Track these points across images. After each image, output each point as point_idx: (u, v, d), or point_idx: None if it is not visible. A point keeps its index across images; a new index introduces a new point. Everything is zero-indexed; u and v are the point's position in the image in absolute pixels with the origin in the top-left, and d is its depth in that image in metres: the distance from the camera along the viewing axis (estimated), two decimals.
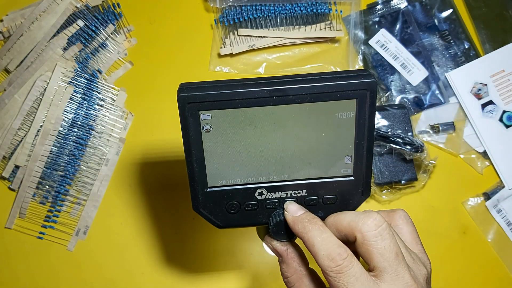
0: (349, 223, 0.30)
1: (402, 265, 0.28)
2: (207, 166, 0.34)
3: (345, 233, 0.30)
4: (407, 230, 0.32)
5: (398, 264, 0.28)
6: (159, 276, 0.54)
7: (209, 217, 0.35)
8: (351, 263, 0.28)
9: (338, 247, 0.29)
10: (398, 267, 0.28)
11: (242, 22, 0.58)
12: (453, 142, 0.58)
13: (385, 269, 0.28)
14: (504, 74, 0.58)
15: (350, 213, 0.31)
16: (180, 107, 0.32)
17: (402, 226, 0.33)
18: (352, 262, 0.28)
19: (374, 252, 0.28)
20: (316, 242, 0.30)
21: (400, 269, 0.28)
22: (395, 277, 0.28)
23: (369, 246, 0.28)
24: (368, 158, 0.34)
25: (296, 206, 0.34)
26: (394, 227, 0.33)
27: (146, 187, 0.56)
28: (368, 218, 0.29)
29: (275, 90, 0.31)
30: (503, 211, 0.56)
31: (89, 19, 0.57)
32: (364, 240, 0.29)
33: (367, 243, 0.29)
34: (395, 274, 0.28)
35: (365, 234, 0.29)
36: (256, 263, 0.55)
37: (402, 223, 0.33)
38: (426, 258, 0.32)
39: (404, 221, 0.33)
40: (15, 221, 0.55)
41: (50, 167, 0.55)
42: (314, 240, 0.30)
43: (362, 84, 0.31)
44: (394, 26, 0.59)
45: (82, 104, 0.56)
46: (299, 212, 0.33)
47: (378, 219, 0.29)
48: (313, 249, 0.30)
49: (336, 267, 0.28)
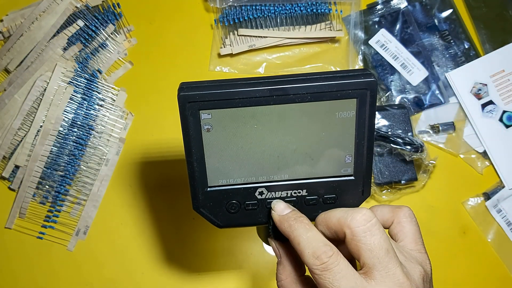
0: (338, 219, 0.30)
1: (393, 261, 0.27)
2: (207, 165, 0.34)
3: (334, 230, 0.30)
4: (409, 229, 0.32)
5: (389, 260, 0.27)
6: (159, 276, 0.54)
7: (209, 216, 0.35)
8: (337, 260, 0.28)
9: (324, 245, 0.29)
10: (389, 263, 0.27)
11: (242, 22, 0.58)
12: (453, 142, 0.58)
13: (375, 265, 0.27)
14: (504, 74, 0.58)
15: (339, 210, 0.31)
16: (181, 106, 0.32)
17: (405, 224, 0.32)
18: (338, 259, 0.28)
19: (363, 248, 0.28)
20: (301, 240, 0.29)
21: (391, 265, 0.27)
22: (385, 274, 0.27)
23: (358, 242, 0.28)
24: (368, 157, 0.34)
25: (283, 205, 0.33)
26: (397, 224, 0.32)
27: (146, 187, 0.56)
28: (357, 213, 0.29)
29: (276, 90, 0.31)
30: (503, 211, 0.56)
31: (89, 19, 0.57)
32: (353, 236, 0.28)
33: (356, 239, 0.28)
34: (385, 271, 0.27)
35: (353, 230, 0.28)
36: (256, 263, 0.55)
37: (405, 221, 0.32)
38: (425, 257, 0.31)
39: (408, 219, 0.32)
40: (15, 221, 0.55)
41: (50, 167, 0.55)
42: (300, 239, 0.30)
43: (363, 83, 0.31)
44: (394, 26, 0.59)
45: (82, 104, 0.56)
46: (285, 211, 0.33)
47: (367, 214, 0.28)
48: (298, 248, 0.29)
49: (321, 265, 0.28)
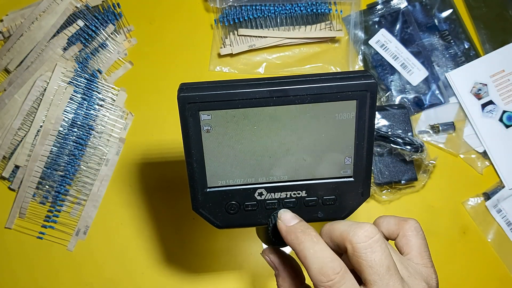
0: (341, 233, 0.29)
1: (394, 279, 0.27)
2: (207, 166, 0.34)
3: (337, 243, 0.29)
4: (415, 242, 0.31)
5: (390, 278, 0.27)
6: (159, 276, 0.54)
7: (209, 217, 0.35)
8: (344, 279, 0.27)
9: (331, 261, 0.28)
10: (389, 281, 0.27)
11: (242, 22, 0.58)
12: (453, 142, 0.58)
13: (375, 282, 0.27)
14: (504, 74, 0.58)
15: (343, 222, 0.30)
16: (180, 107, 0.32)
17: (411, 238, 0.31)
18: (345, 278, 0.27)
19: (364, 264, 0.27)
20: (308, 255, 0.29)
21: (392, 283, 0.27)
22: None
23: (359, 258, 0.27)
24: (368, 159, 0.34)
25: (290, 215, 0.32)
26: (402, 237, 0.31)
27: (146, 187, 0.56)
28: (360, 229, 0.28)
29: (276, 91, 0.31)
30: (503, 211, 0.56)
31: (89, 19, 0.57)
32: (354, 252, 0.28)
33: (357, 255, 0.28)
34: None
35: (355, 246, 0.28)
36: (256, 263, 0.55)
37: (411, 234, 0.31)
38: (431, 272, 0.30)
39: (413, 233, 0.31)
40: (15, 221, 0.55)
41: (50, 167, 0.55)
42: (307, 252, 0.29)
43: (363, 85, 0.31)
44: (394, 26, 0.59)
45: (82, 104, 0.56)
46: (292, 221, 0.32)
47: (369, 230, 0.28)
48: (305, 262, 0.29)
49: (328, 282, 0.27)
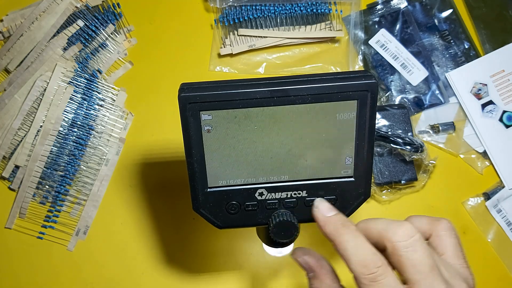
0: (379, 231, 0.29)
1: (439, 279, 0.26)
2: (208, 166, 0.34)
3: (375, 241, 0.29)
4: (449, 242, 0.30)
5: (434, 278, 0.26)
6: (159, 276, 0.54)
7: (209, 217, 0.35)
8: (386, 272, 0.27)
9: (373, 254, 0.28)
10: (434, 281, 0.26)
11: (242, 22, 0.58)
12: (453, 142, 0.58)
13: (419, 282, 0.26)
14: (504, 74, 0.58)
15: (381, 220, 0.29)
16: (181, 107, 0.32)
17: (445, 238, 0.30)
18: (387, 272, 0.27)
19: (406, 263, 0.27)
20: (349, 247, 0.28)
21: (436, 283, 0.26)
22: None
23: (400, 256, 0.27)
24: (369, 159, 0.34)
25: (327, 205, 0.32)
26: (436, 237, 0.31)
27: (146, 187, 0.56)
28: (399, 227, 0.28)
29: (276, 91, 0.31)
30: (503, 211, 0.56)
31: (89, 19, 0.57)
32: (395, 251, 0.27)
33: (398, 254, 0.27)
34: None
35: (395, 245, 0.27)
36: (256, 263, 0.55)
37: (444, 234, 0.30)
38: (469, 273, 0.30)
39: (447, 233, 0.30)
40: (15, 221, 0.55)
41: (50, 167, 0.55)
42: (347, 245, 0.29)
43: (363, 85, 0.31)
44: (394, 26, 0.59)
45: (82, 104, 0.56)
46: (330, 212, 0.32)
47: (409, 229, 0.27)
48: (345, 254, 0.28)
49: (370, 275, 0.27)
